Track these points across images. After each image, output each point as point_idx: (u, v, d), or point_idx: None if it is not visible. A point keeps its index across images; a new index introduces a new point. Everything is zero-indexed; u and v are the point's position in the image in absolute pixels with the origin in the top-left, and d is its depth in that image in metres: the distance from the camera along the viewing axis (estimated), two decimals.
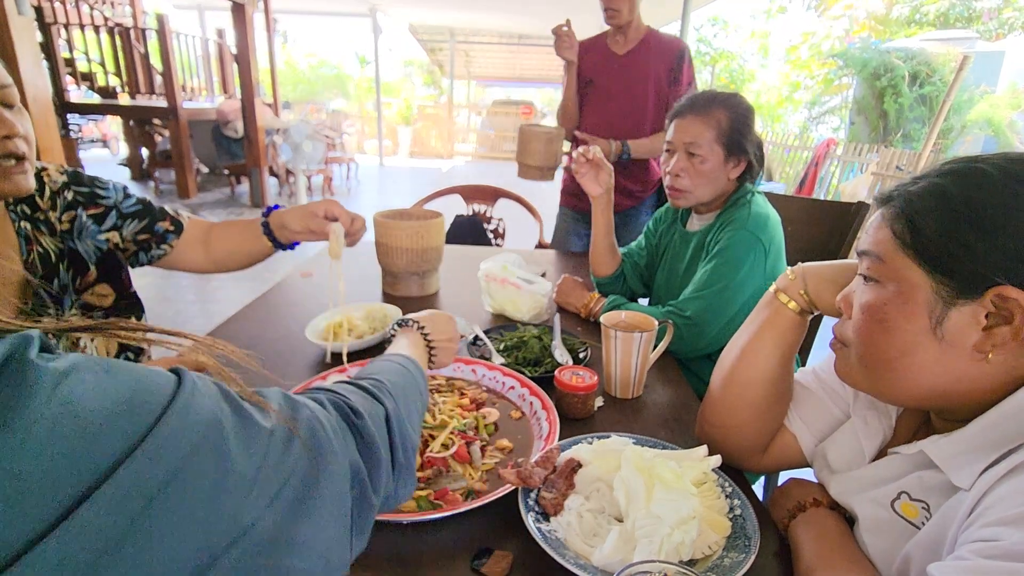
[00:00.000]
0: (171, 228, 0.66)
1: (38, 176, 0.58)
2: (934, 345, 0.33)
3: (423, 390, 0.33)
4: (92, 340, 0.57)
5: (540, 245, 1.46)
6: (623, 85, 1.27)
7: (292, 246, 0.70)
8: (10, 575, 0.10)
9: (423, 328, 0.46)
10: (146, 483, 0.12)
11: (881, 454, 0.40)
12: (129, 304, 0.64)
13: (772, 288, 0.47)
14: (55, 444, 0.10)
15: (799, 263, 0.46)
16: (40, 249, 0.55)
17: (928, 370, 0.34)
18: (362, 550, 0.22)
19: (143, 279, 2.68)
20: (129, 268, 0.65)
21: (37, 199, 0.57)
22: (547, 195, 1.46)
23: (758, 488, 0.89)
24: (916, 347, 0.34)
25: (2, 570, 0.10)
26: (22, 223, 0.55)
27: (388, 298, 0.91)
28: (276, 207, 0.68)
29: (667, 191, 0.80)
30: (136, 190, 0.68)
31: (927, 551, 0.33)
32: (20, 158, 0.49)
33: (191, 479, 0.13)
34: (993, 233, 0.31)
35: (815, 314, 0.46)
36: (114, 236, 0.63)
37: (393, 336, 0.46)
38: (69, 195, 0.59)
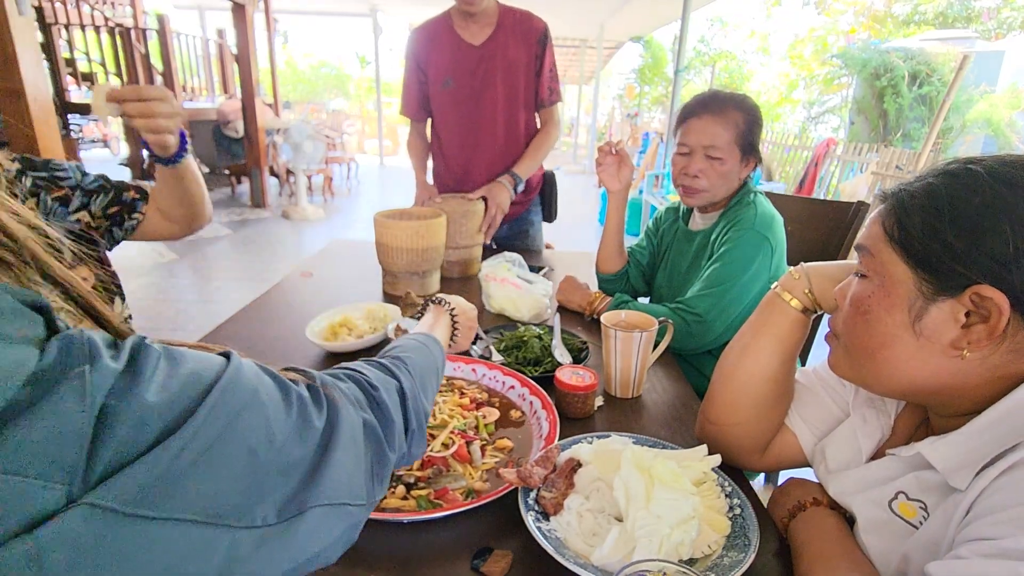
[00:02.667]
0: (137, 196, 0.65)
1: None
2: (912, 339, 0.34)
3: (439, 365, 0.37)
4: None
5: None
6: (486, 83, 1.04)
7: (176, 158, 0.62)
8: (156, 451, 0.16)
9: (452, 309, 0.49)
10: (215, 422, 0.18)
11: (879, 454, 0.40)
12: (113, 285, 0.63)
13: (775, 287, 0.47)
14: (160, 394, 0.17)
15: (801, 263, 0.46)
16: None
17: (905, 363, 0.34)
18: (382, 496, 0.28)
19: (144, 278, 2.69)
20: (107, 252, 0.63)
21: None
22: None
23: (759, 485, 0.89)
24: (895, 340, 0.34)
25: (147, 450, 0.16)
26: None
27: (388, 298, 0.91)
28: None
29: (680, 190, 0.80)
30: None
31: (925, 551, 0.33)
32: None
33: (242, 426, 0.19)
34: (974, 233, 0.31)
35: (818, 313, 0.46)
36: (84, 215, 0.61)
37: (425, 311, 0.50)
38: (28, 182, 0.58)
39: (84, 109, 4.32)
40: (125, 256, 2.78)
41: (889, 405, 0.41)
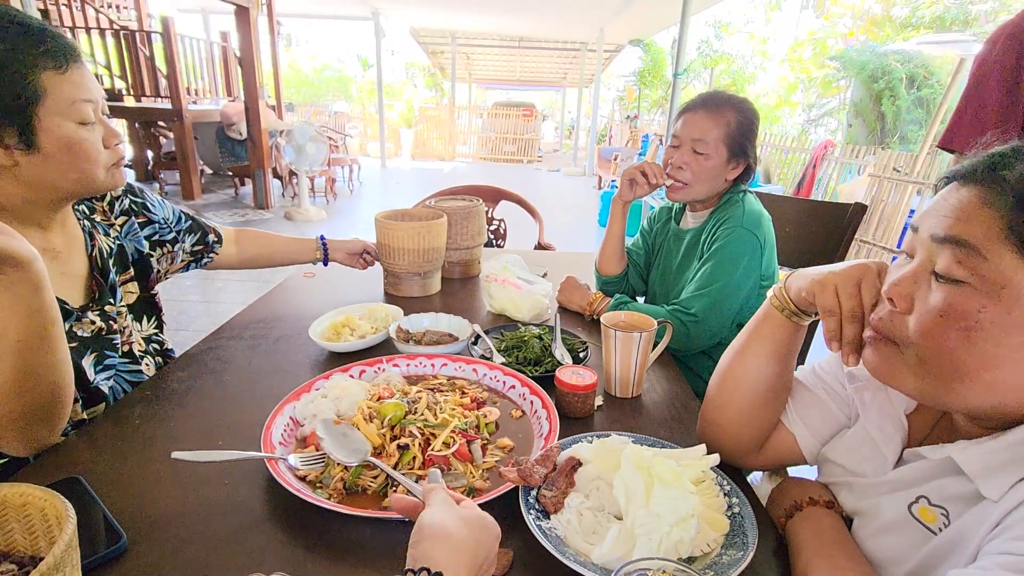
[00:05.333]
0: (216, 239, 0.79)
1: None
2: None
3: None
4: (132, 322, 0.66)
5: (540, 246, 1.47)
6: None
7: (325, 262, 0.90)
8: None
9: None
10: None
11: (901, 457, 0.39)
12: (148, 304, 0.70)
13: (769, 291, 0.47)
14: None
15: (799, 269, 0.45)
16: (99, 245, 0.62)
17: (1011, 386, 0.29)
18: None
19: None
20: (158, 274, 0.72)
21: (95, 202, 0.64)
22: (547, 196, 1.46)
23: (756, 480, 0.89)
24: (1005, 362, 0.29)
25: None
26: (84, 221, 0.61)
27: (390, 298, 0.91)
28: (323, 238, 0.90)
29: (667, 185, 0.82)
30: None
31: (944, 558, 0.32)
32: (123, 158, 0.59)
33: None
34: None
35: (805, 320, 0.44)
36: (156, 251, 0.70)
37: None
38: (127, 202, 0.67)
39: None
40: None
41: (898, 408, 0.40)
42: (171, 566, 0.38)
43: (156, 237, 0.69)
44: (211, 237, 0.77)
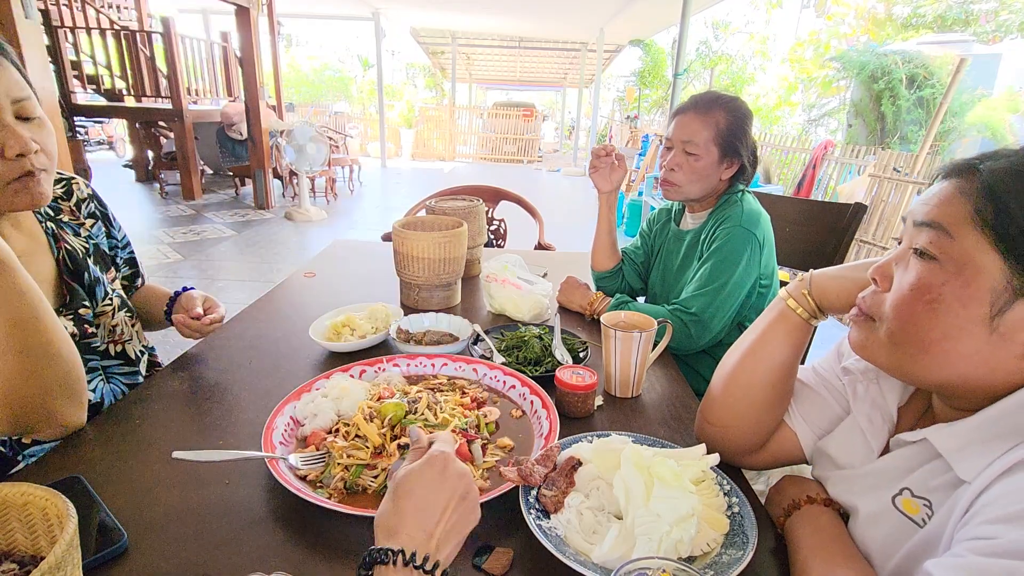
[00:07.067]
0: (138, 285, 0.76)
1: (68, 184, 0.64)
2: (983, 335, 0.31)
3: None
4: (132, 325, 0.66)
5: (540, 246, 1.47)
6: None
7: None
8: None
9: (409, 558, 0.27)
10: None
11: (886, 447, 0.40)
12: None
13: (782, 292, 0.47)
14: None
15: (811, 270, 0.46)
16: (68, 246, 0.60)
17: (968, 358, 0.31)
18: None
19: (150, 278, 2.70)
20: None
21: (61, 202, 0.63)
22: (547, 196, 1.46)
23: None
24: (963, 334, 0.31)
25: None
26: (48, 223, 0.59)
27: (408, 311, 0.84)
28: (187, 288, 0.73)
29: (660, 184, 0.83)
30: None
31: (927, 551, 0.32)
32: (32, 173, 0.49)
33: None
34: None
35: (821, 320, 0.45)
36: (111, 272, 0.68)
37: None
38: (92, 206, 0.67)
39: (90, 111, 4.36)
40: None
41: (890, 401, 0.41)
42: (171, 566, 0.38)
43: (111, 253, 0.68)
44: (139, 281, 0.75)
